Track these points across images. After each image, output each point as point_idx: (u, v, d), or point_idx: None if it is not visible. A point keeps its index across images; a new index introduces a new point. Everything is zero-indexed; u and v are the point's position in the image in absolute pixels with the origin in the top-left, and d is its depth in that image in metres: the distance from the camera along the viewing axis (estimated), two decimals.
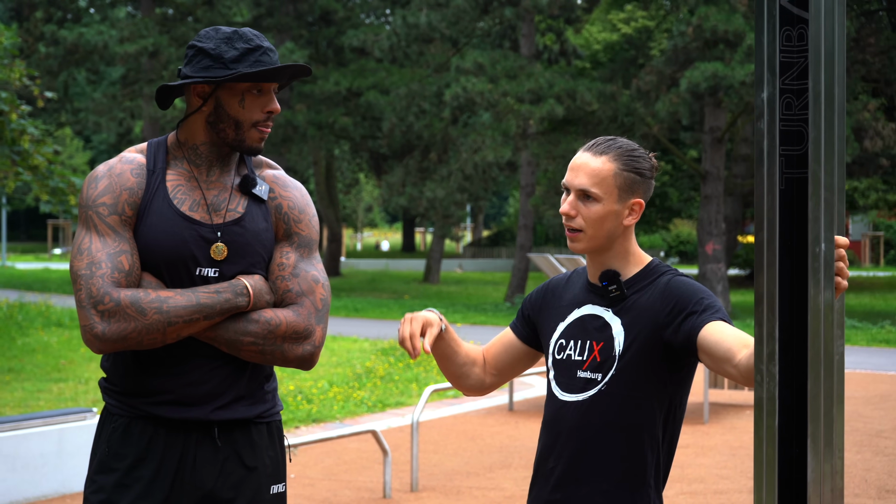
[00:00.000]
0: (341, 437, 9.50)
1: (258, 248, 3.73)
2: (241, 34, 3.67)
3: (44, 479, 9.02)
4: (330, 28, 40.98)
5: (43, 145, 18.03)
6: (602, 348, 3.58)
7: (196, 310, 3.55)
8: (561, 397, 3.64)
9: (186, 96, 3.74)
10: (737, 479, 10.04)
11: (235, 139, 3.69)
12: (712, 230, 29.78)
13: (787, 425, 2.74)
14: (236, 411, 3.70)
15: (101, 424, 3.75)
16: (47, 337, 19.94)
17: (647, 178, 3.62)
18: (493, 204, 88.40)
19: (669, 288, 3.54)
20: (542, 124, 31.24)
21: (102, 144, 72.23)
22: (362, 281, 44.71)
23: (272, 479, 3.79)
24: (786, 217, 2.73)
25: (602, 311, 3.62)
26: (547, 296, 3.83)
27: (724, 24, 27.14)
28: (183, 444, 3.66)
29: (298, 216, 3.83)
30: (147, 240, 3.62)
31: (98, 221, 3.59)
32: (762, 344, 2.74)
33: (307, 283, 3.75)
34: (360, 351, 19.04)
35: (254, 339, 3.62)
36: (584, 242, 3.60)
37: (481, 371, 3.86)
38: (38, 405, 13.39)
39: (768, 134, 2.74)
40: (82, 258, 3.56)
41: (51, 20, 42.54)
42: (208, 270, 3.65)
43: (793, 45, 2.73)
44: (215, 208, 3.70)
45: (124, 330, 3.49)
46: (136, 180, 3.66)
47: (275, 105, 3.71)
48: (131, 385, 3.68)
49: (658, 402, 3.55)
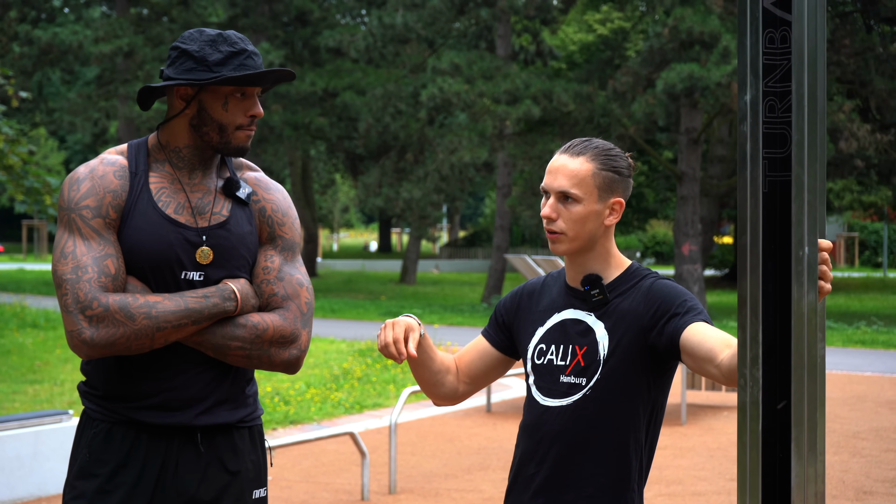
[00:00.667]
0: (319, 439, 9.47)
1: (243, 251, 3.70)
2: (226, 37, 3.64)
3: (20, 482, 8.97)
4: (306, 28, 40.91)
5: (18, 145, 17.96)
6: (585, 353, 3.56)
7: (184, 315, 3.51)
8: (543, 402, 3.61)
9: (168, 98, 3.70)
10: (715, 481, 10.05)
11: (219, 142, 3.66)
12: (688, 231, 29.83)
13: (770, 429, 2.73)
14: (219, 416, 3.67)
15: (81, 429, 3.70)
16: (22, 338, 19.84)
17: (625, 177, 3.62)
18: (469, 205, 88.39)
19: (652, 291, 3.54)
20: (519, 125, 31.26)
21: (77, 145, 71.98)
22: (339, 282, 44.67)
23: (254, 483, 3.76)
24: (769, 220, 2.73)
25: (584, 315, 3.61)
26: (521, 301, 3.81)
27: (699, 26, 27.18)
28: (165, 450, 3.63)
29: (282, 219, 3.80)
30: (132, 243, 3.58)
31: (82, 224, 3.54)
32: (745, 348, 2.73)
33: (292, 287, 3.72)
34: (337, 352, 19.01)
35: (241, 344, 3.60)
36: (565, 244, 3.58)
37: (454, 379, 3.83)
38: (13, 407, 13.32)
39: (751, 137, 2.73)
40: (67, 262, 3.50)
41: (25, 20, 42.35)
42: (193, 274, 3.62)
43: (776, 47, 2.72)
44: (200, 211, 3.66)
45: (113, 335, 3.45)
46: (119, 182, 3.62)
47: (258, 109, 3.68)
48: (113, 389, 3.64)
49: (642, 406, 3.54)
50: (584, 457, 3.53)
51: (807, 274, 2.67)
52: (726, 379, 3.28)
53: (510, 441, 11.27)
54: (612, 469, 3.52)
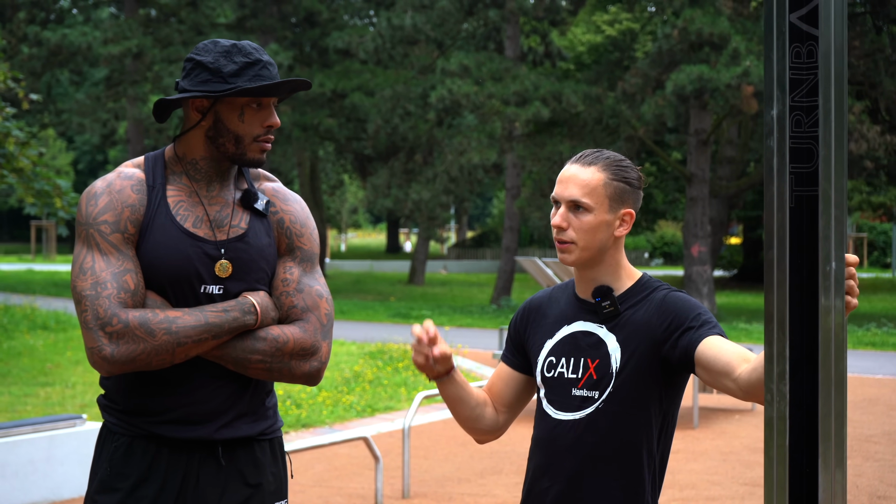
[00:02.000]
0: (333, 444, 9.47)
1: (262, 264, 3.68)
2: (240, 48, 3.62)
3: (34, 487, 8.98)
4: (314, 29, 40.90)
5: (28, 147, 17.97)
6: (598, 366, 3.55)
7: (205, 329, 3.50)
8: (555, 416, 3.59)
9: (184, 110, 3.69)
10: (728, 485, 10.03)
11: (236, 153, 3.64)
12: (698, 232, 29.81)
13: (797, 444, 2.73)
14: (239, 429, 3.66)
15: (101, 443, 3.69)
16: (33, 340, 19.85)
17: (635, 189, 3.61)
18: (477, 205, 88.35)
19: (666, 303, 3.52)
20: (528, 126, 31.25)
21: (86, 145, 72.02)
22: (347, 282, 44.67)
23: (275, 496, 3.75)
24: (795, 235, 2.72)
25: (595, 327, 3.59)
26: (529, 315, 3.79)
27: (709, 27, 27.17)
28: (186, 464, 3.62)
29: (300, 230, 3.79)
30: (151, 257, 3.56)
31: (100, 240, 3.53)
32: (772, 363, 2.72)
33: (311, 299, 3.71)
34: (347, 354, 19.01)
35: (262, 357, 3.59)
36: (575, 254, 3.57)
37: (493, 411, 3.79)
38: (25, 410, 13.33)
39: (778, 152, 2.73)
40: (86, 278, 3.49)
41: (34, 21, 42.37)
42: (213, 288, 3.61)
43: (802, 61, 2.72)
44: (218, 224, 3.65)
45: (133, 352, 3.44)
46: (137, 196, 3.60)
47: (275, 119, 3.66)
48: (134, 404, 3.63)
49: (654, 417, 3.53)
50: (598, 470, 3.52)
51: (834, 289, 2.67)
52: (744, 393, 3.28)
53: (522, 445, 11.26)
54: (626, 482, 3.51)
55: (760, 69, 26.56)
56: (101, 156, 73.42)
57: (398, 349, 18.80)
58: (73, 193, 18.27)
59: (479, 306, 33.79)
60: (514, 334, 3.83)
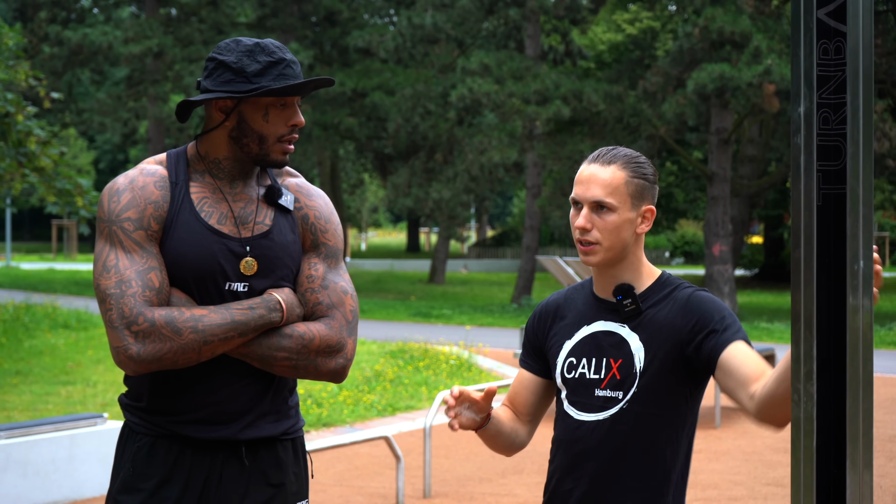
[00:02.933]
0: (355, 443, 9.46)
1: (287, 260, 3.65)
2: (263, 46, 3.57)
3: (55, 486, 8.99)
4: (334, 28, 40.94)
5: (49, 147, 18.01)
6: (621, 366, 3.51)
7: (231, 327, 3.47)
8: (577, 417, 3.56)
9: (207, 111, 3.65)
10: (750, 485, 10.00)
11: (259, 153, 3.60)
12: (719, 231, 29.74)
13: (825, 445, 2.70)
14: (262, 429, 3.64)
15: (124, 442, 3.66)
16: (54, 339, 19.90)
17: (653, 184, 3.59)
18: (497, 204, 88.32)
19: (691, 303, 3.48)
20: (549, 125, 31.20)
21: (107, 144, 72.20)
22: (368, 281, 44.67)
23: (297, 496, 3.73)
24: (823, 234, 2.69)
25: (617, 327, 3.55)
26: (545, 318, 3.75)
27: (730, 26, 27.10)
28: (209, 464, 3.59)
29: (325, 226, 3.76)
30: (175, 255, 3.53)
31: (123, 237, 3.49)
32: (799, 363, 2.69)
33: (337, 295, 3.68)
34: (368, 353, 19.00)
35: (288, 355, 3.55)
36: (600, 255, 3.53)
37: (520, 425, 3.77)
38: (46, 409, 13.36)
39: (805, 149, 2.70)
40: (110, 276, 3.45)
41: (55, 20, 42.48)
42: (237, 285, 3.57)
43: (829, 58, 2.69)
44: (242, 221, 3.62)
45: (160, 350, 3.41)
46: (160, 193, 3.56)
47: (299, 118, 3.62)
48: (157, 403, 3.60)
49: (678, 417, 3.50)
50: (622, 471, 3.49)
51: (862, 288, 2.64)
52: (756, 411, 3.27)
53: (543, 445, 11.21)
54: (651, 482, 3.47)
55: (782, 67, 26.49)
56: (121, 155, 73.60)
57: (419, 348, 18.78)
58: (94, 192, 18.29)
59: (499, 305, 33.77)
60: (531, 338, 3.79)
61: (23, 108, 17.37)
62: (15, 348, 18.72)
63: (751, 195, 37.06)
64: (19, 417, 12.76)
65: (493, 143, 32.84)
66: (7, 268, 48.55)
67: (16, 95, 17.59)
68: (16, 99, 17.31)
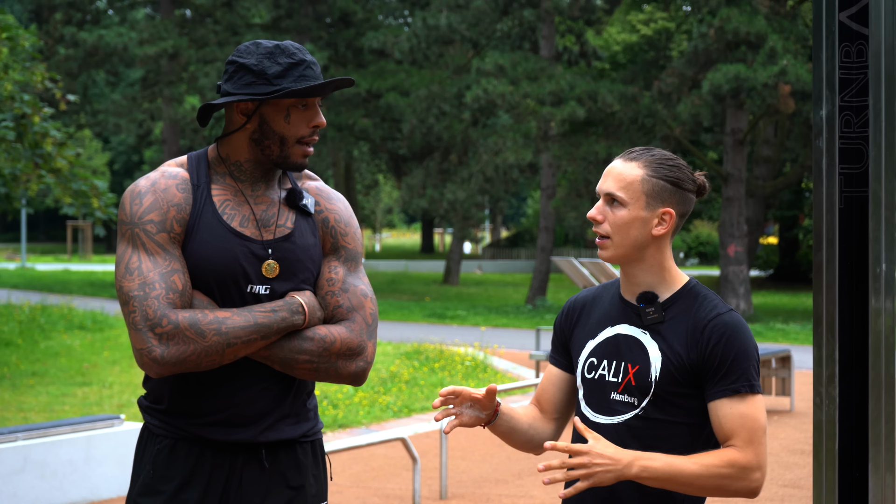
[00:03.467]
0: (371, 444, 9.47)
1: (308, 263, 3.65)
2: (283, 48, 3.58)
3: (72, 487, 9.01)
4: (349, 30, 40.96)
5: (65, 148, 18.03)
6: (638, 372, 3.47)
7: (254, 330, 3.47)
8: (592, 418, 3.53)
9: (228, 113, 3.65)
10: (767, 487, 9.98)
11: (280, 156, 3.60)
12: (734, 232, 29.72)
13: (847, 448, 2.70)
14: (282, 432, 3.64)
15: (143, 445, 3.67)
16: (70, 340, 19.94)
17: (681, 190, 3.49)
18: (511, 205, 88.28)
19: (707, 332, 3.40)
20: (563, 126, 31.20)
21: (121, 146, 72.35)
22: (382, 282, 44.68)
23: (316, 498, 3.73)
24: (845, 237, 2.69)
25: (639, 332, 3.51)
26: (573, 314, 3.72)
27: (746, 26, 27.09)
28: (229, 466, 3.60)
29: (345, 229, 3.76)
30: (198, 257, 3.53)
31: (146, 239, 3.49)
32: (821, 366, 2.70)
33: (357, 298, 3.68)
34: (383, 354, 19.01)
35: (309, 358, 3.55)
36: (610, 250, 3.51)
37: (544, 423, 3.72)
38: (63, 410, 13.38)
39: (827, 152, 2.70)
40: (133, 278, 3.45)
41: (70, 22, 42.60)
42: (259, 287, 3.57)
43: (852, 61, 2.69)
44: (264, 224, 3.62)
45: (183, 353, 3.41)
46: (182, 196, 3.56)
47: (321, 119, 3.63)
48: (177, 405, 3.60)
49: (696, 424, 3.45)
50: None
51: (884, 291, 2.63)
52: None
53: None
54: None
55: (798, 68, 26.45)
56: (136, 156, 73.73)
57: (434, 349, 18.78)
58: (109, 194, 18.32)
59: (514, 306, 33.76)
60: (559, 334, 3.77)
61: (39, 110, 17.40)
62: (31, 349, 18.76)
63: (766, 196, 37.02)
64: (36, 418, 12.79)
65: (507, 143, 32.84)
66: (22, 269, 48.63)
67: (32, 97, 17.62)
68: (32, 100, 17.35)
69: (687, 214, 3.55)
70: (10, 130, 16.59)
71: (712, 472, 3.27)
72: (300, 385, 3.70)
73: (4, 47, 17.32)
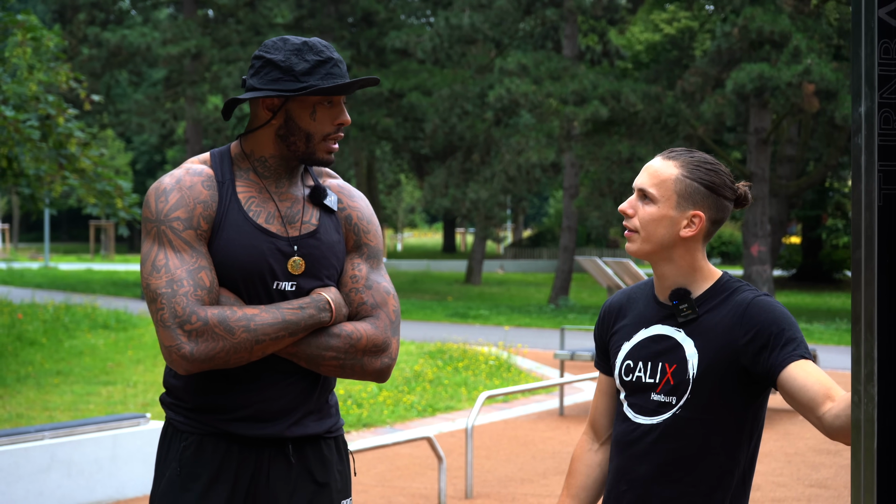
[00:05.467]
0: (396, 443, 9.46)
1: (333, 260, 3.67)
2: (311, 45, 3.58)
3: (98, 485, 9.03)
4: (372, 29, 41.00)
5: (90, 148, 18.07)
6: (675, 371, 3.46)
7: (282, 327, 3.47)
8: (634, 419, 3.53)
9: (253, 109, 3.65)
10: (794, 486, 9.95)
11: (306, 152, 3.61)
12: (757, 232, 29.65)
13: (886, 448, 2.67)
14: (308, 427, 3.65)
15: (167, 442, 3.67)
16: (94, 339, 19.99)
17: (716, 195, 3.48)
18: (534, 204, 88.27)
19: (750, 312, 3.40)
20: (586, 125, 31.18)
21: (144, 146, 72.57)
22: (404, 282, 44.70)
23: (342, 494, 3.75)
24: (884, 234, 2.67)
25: (673, 331, 3.51)
26: (609, 318, 3.72)
27: (769, 25, 27.02)
28: (256, 461, 3.61)
29: (367, 227, 3.78)
30: (225, 254, 3.53)
31: (173, 237, 3.49)
32: (860, 364, 2.67)
33: (380, 295, 3.70)
34: (407, 354, 19.01)
35: (336, 354, 3.56)
36: (637, 244, 3.52)
37: (596, 456, 3.76)
38: (87, 409, 13.42)
39: (866, 149, 2.67)
40: (160, 276, 3.45)
41: (93, 22, 42.70)
42: (285, 284, 3.58)
43: (891, 57, 2.67)
44: (290, 220, 3.63)
45: (213, 350, 3.41)
46: (208, 193, 3.56)
47: (345, 116, 3.64)
48: (203, 402, 3.60)
49: (736, 423, 3.44)
50: (675, 476, 3.45)
51: None
52: (827, 433, 3.21)
53: None
54: (705, 488, 3.43)
55: (822, 67, 26.37)
56: (158, 156, 73.93)
57: (457, 349, 18.78)
58: (133, 195, 18.35)
59: (536, 306, 33.73)
60: (598, 340, 3.77)
61: (63, 111, 17.44)
62: (55, 348, 18.81)
63: (789, 195, 36.94)
64: (61, 417, 12.82)
65: (530, 143, 32.83)
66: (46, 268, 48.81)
67: (56, 97, 17.67)
68: (56, 101, 17.39)
69: (721, 222, 3.54)
70: (35, 130, 16.62)
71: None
72: (325, 381, 3.71)
73: (29, 48, 17.35)
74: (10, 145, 16.50)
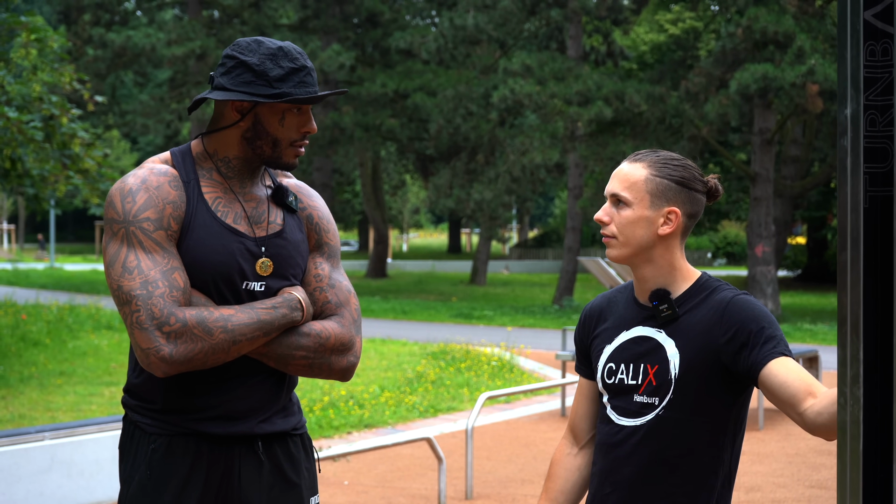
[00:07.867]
0: (397, 444, 9.47)
1: (298, 259, 3.68)
2: (287, 52, 3.57)
3: (99, 486, 9.03)
4: (376, 30, 41.04)
5: (93, 149, 18.08)
6: (657, 371, 3.47)
7: (258, 327, 3.47)
8: (618, 421, 3.54)
9: (219, 108, 3.63)
10: (794, 487, 9.95)
11: (272, 156, 3.61)
12: (762, 232, 29.63)
13: (872, 450, 2.68)
14: (276, 424, 3.66)
15: (134, 445, 3.62)
16: (97, 340, 20.02)
17: (687, 189, 3.50)
18: (539, 205, 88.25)
19: (729, 311, 3.42)
20: (590, 126, 31.17)
21: (149, 146, 72.64)
22: (409, 282, 44.74)
23: (310, 491, 3.76)
24: (870, 236, 2.67)
25: (654, 332, 3.52)
26: (589, 322, 3.73)
27: (773, 26, 27.00)
28: (226, 460, 3.59)
29: (327, 226, 3.80)
30: (195, 255, 3.51)
31: (143, 237, 3.45)
32: (846, 366, 2.67)
33: (343, 294, 3.72)
34: (409, 354, 19.03)
35: (305, 353, 3.57)
36: (617, 249, 3.52)
37: (576, 460, 3.77)
38: (90, 409, 13.43)
39: (852, 151, 2.68)
40: (133, 277, 3.40)
41: (98, 23, 42.73)
42: (254, 284, 3.58)
43: (877, 60, 2.67)
44: (256, 221, 3.62)
45: (191, 351, 3.38)
46: (176, 193, 3.53)
47: (312, 125, 3.64)
48: (173, 403, 3.57)
49: (719, 423, 3.45)
50: (659, 477, 3.46)
51: None
52: (808, 429, 3.22)
53: None
54: (690, 488, 3.44)
55: (826, 68, 26.36)
56: None
57: (460, 349, 18.79)
58: None
59: (541, 306, 33.74)
60: (579, 344, 3.78)
61: (67, 111, 17.45)
62: (59, 349, 18.85)
63: (794, 196, 36.91)
64: (63, 418, 12.84)
65: (534, 144, 32.82)
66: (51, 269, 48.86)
67: (60, 98, 17.68)
68: (60, 101, 17.40)
69: (696, 215, 3.56)
70: (39, 131, 16.63)
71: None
72: (290, 380, 3.73)
73: (33, 48, 17.35)
74: (14, 146, 16.50)
